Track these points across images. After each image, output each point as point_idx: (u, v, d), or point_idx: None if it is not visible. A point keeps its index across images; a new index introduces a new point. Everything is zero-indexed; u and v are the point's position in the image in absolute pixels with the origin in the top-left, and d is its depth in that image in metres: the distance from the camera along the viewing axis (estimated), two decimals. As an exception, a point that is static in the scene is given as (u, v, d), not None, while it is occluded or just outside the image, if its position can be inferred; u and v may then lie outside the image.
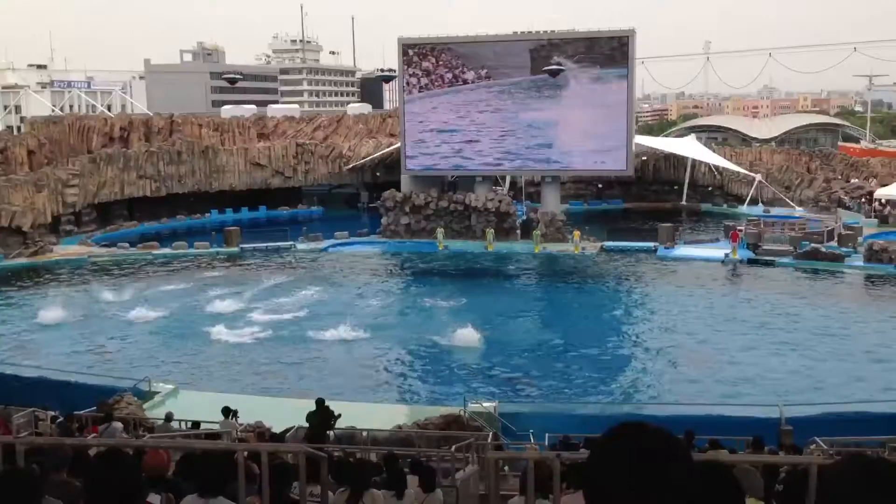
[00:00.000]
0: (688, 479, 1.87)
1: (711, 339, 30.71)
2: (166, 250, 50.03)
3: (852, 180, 65.30)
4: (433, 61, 52.96)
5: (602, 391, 25.42)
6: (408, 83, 54.08)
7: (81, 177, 56.69)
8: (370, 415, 20.59)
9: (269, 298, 37.61)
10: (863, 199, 58.18)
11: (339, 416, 17.45)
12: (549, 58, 51.43)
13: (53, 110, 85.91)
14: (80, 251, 50.09)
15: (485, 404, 21.23)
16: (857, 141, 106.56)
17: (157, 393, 23.61)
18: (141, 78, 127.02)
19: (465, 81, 52.81)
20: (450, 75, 52.84)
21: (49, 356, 28.86)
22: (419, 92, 53.68)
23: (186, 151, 63.93)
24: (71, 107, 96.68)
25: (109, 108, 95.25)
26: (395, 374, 27.48)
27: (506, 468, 13.61)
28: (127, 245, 51.07)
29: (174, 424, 17.46)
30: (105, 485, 3.41)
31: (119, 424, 15.87)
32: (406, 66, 53.78)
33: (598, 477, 1.89)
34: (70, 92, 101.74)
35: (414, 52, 53.50)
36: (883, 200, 56.05)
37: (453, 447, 13.59)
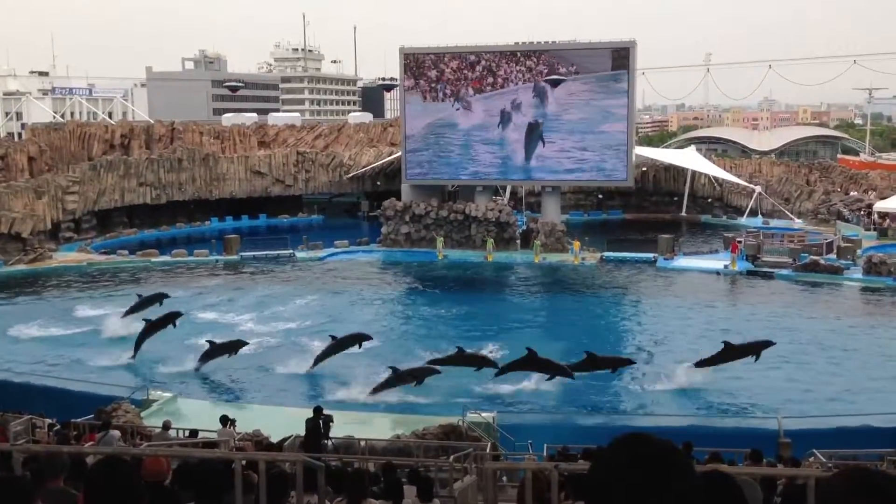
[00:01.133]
0: (689, 492, 1.87)
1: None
2: (165, 258, 50.00)
3: (851, 193, 65.37)
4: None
5: (600, 402, 25.35)
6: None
7: (81, 184, 56.73)
8: (368, 424, 20.56)
9: (268, 307, 37.55)
10: (862, 212, 58.24)
11: (332, 422, 17.59)
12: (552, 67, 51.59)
13: (54, 117, 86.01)
14: (79, 258, 50.07)
15: (483, 415, 21.19)
16: (856, 153, 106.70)
17: (155, 401, 23.55)
18: (142, 85, 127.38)
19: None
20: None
21: (45, 364, 28.80)
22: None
23: (187, 159, 64.01)
24: (72, 114, 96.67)
25: (110, 116, 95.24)
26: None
27: (504, 479, 13.58)
28: (126, 252, 51.06)
29: (171, 433, 17.42)
30: (103, 492, 3.40)
31: (117, 432, 15.81)
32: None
33: (601, 487, 1.89)
34: (71, 99, 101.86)
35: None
36: (882, 213, 56.15)
37: (451, 457, 13.56)
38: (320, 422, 17.24)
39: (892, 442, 15.31)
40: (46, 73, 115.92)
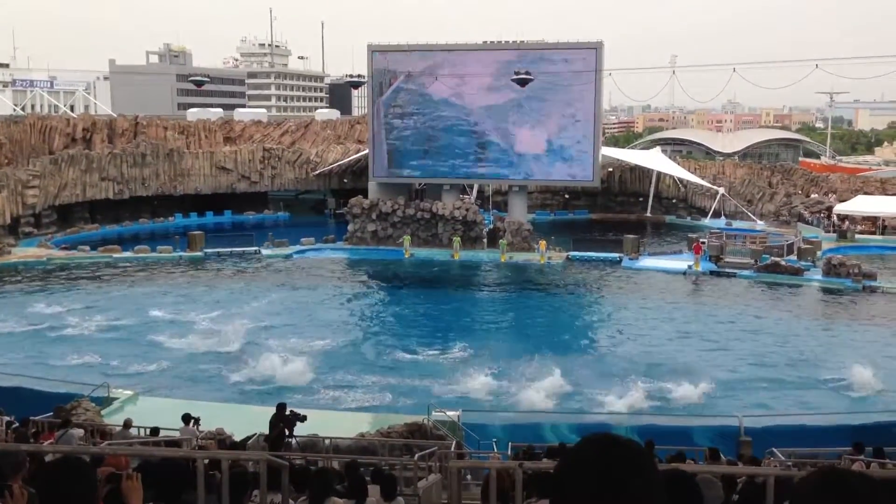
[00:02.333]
0: (653, 492, 1.88)
1: (672, 349, 31.00)
2: (128, 254, 49.28)
3: (812, 195, 66.51)
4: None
5: (567, 401, 25.48)
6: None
7: (42, 178, 55.71)
8: (333, 422, 20.45)
9: (232, 305, 37.19)
10: (822, 214, 59.30)
11: (301, 418, 17.48)
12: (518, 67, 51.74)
13: (15, 109, 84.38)
14: (39, 253, 49.16)
15: (449, 413, 21.20)
16: (817, 156, 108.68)
17: (116, 399, 23.21)
18: (105, 78, 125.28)
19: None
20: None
21: (3, 361, 28.21)
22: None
23: (151, 154, 63.14)
24: (33, 106, 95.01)
25: (72, 109, 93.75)
26: (358, 382, 27.24)
27: (468, 477, 13.61)
28: (87, 248, 50.23)
29: (133, 431, 17.16)
30: (59, 492, 3.34)
31: (79, 431, 15.54)
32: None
33: (566, 486, 1.90)
34: (32, 91, 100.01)
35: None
36: (841, 215, 57.23)
37: (416, 456, 13.55)
38: (284, 420, 17.09)
39: (850, 440, 15.58)
40: (7, 65, 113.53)
